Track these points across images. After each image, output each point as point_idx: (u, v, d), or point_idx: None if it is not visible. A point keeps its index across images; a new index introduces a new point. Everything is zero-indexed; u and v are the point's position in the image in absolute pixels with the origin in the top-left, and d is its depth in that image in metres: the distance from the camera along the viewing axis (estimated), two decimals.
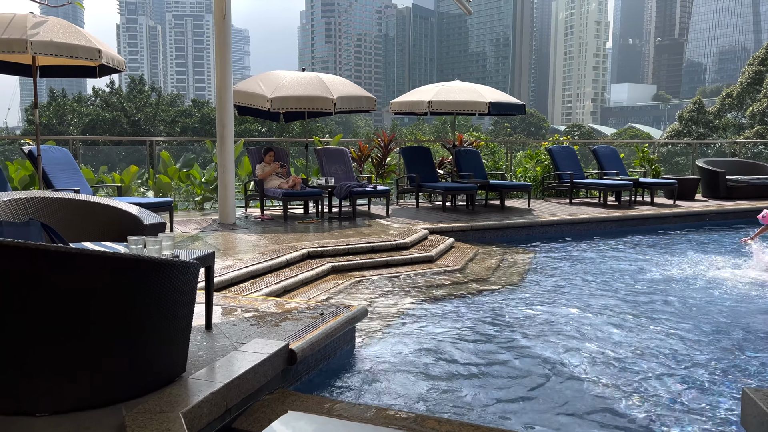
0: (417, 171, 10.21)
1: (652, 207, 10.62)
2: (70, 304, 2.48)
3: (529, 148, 12.91)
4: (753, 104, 47.40)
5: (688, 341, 4.47)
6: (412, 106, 10.00)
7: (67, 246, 2.70)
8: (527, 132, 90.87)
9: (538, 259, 7.40)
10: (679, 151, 27.59)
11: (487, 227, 8.55)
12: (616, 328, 4.76)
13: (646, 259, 7.52)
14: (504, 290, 5.89)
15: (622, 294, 5.86)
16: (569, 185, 11.10)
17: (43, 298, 2.44)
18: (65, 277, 2.44)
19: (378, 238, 7.13)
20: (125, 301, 2.58)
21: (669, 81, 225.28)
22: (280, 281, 5.44)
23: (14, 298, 2.42)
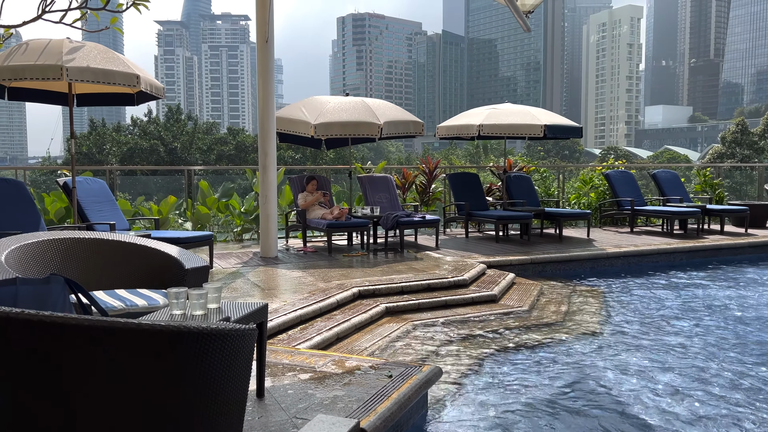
0: (465, 198, 9.60)
1: (723, 236, 9.77)
2: (87, 391, 1.93)
3: (582, 173, 12.19)
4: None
5: None
6: (460, 131, 9.44)
7: (88, 317, 2.15)
8: (561, 155, 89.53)
9: (611, 298, 6.67)
10: (722, 173, 26.43)
11: (548, 260, 7.85)
12: (735, 391, 4.03)
13: (736, 295, 6.74)
14: (585, 339, 5.19)
15: (725, 342, 5.11)
16: (630, 213, 10.33)
17: (51, 382, 1.90)
18: (89, 354, 1.90)
19: (432, 274, 6.52)
20: (160, 387, 2.03)
21: (705, 102, 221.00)
22: (331, 327, 4.87)
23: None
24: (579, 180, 11.86)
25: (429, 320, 5.44)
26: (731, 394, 3.94)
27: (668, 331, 5.42)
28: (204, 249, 7.93)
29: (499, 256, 7.80)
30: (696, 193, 12.01)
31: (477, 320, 5.52)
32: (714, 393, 3.95)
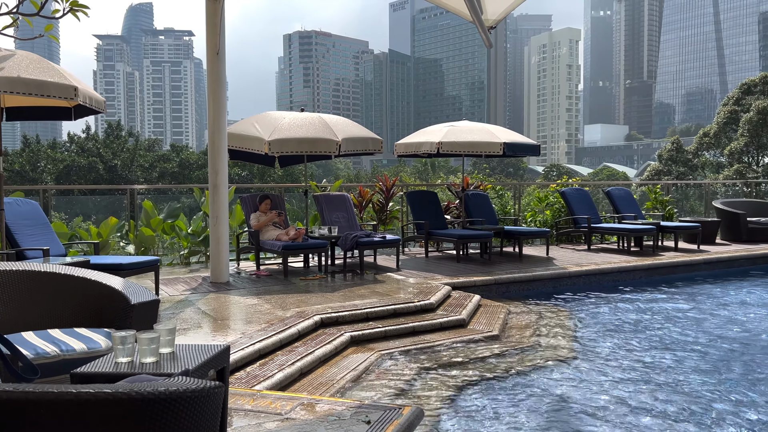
0: (425, 217, 9.36)
1: (678, 253, 9.87)
2: None
3: (538, 191, 12.18)
4: (730, 143, 47.98)
5: None
6: (419, 148, 9.22)
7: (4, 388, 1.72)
8: (506, 173, 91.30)
9: (579, 320, 6.51)
10: (670, 190, 27.31)
11: (512, 280, 7.66)
12: (724, 413, 3.86)
13: (700, 312, 6.69)
14: (560, 365, 4.96)
15: (698, 360, 4.98)
16: (587, 230, 10.32)
17: None
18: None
19: (397, 298, 6.19)
20: None
21: (640, 121, 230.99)
22: (294, 361, 4.46)
23: None
24: (534, 197, 11.83)
25: (398, 349, 5.10)
26: (704, 417, 3.76)
27: (643, 354, 5.26)
28: (149, 275, 7.37)
29: (463, 276, 7.56)
30: (647, 210, 12.17)
31: (448, 348, 5.21)
32: (690, 413, 3.77)
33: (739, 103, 49.65)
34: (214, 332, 4.97)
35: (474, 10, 6.20)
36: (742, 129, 46.80)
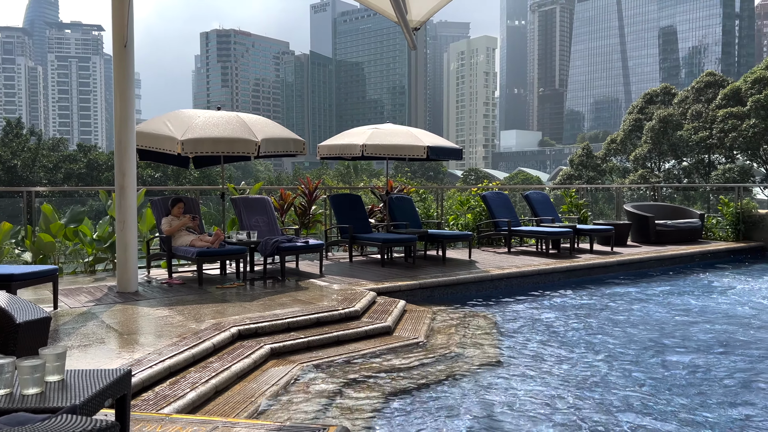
0: (349, 221, 9.15)
1: (594, 255, 10.18)
2: None
3: (459, 195, 12.26)
4: (635, 149, 50.89)
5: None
6: (343, 150, 9.00)
7: None
8: (426, 176, 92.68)
9: (502, 323, 6.50)
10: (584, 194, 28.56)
11: (436, 284, 7.59)
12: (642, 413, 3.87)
13: (616, 311, 6.86)
14: (486, 370, 4.88)
15: (620, 358, 5.05)
16: (507, 233, 10.46)
17: None
18: None
19: (321, 306, 5.94)
20: None
21: (552, 128, 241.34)
22: (208, 378, 4.13)
23: None
24: (456, 201, 11.90)
25: (321, 361, 4.86)
26: (636, 418, 3.78)
27: (567, 355, 5.29)
28: (48, 285, 6.74)
29: (388, 281, 7.40)
30: (563, 214, 12.53)
31: (374, 357, 5.02)
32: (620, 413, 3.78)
33: (643, 112, 52.82)
34: (119, 349, 4.53)
35: (399, 10, 6.06)
36: (645, 136, 49.77)
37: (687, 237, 12.15)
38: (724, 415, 3.97)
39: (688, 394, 4.35)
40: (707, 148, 46.52)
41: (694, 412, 4.02)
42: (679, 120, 48.36)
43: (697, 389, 4.47)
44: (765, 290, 8.62)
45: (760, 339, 5.93)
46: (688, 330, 6.30)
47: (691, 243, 12.01)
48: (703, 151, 47.07)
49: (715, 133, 45.21)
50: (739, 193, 13.05)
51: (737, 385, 4.60)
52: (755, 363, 5.15)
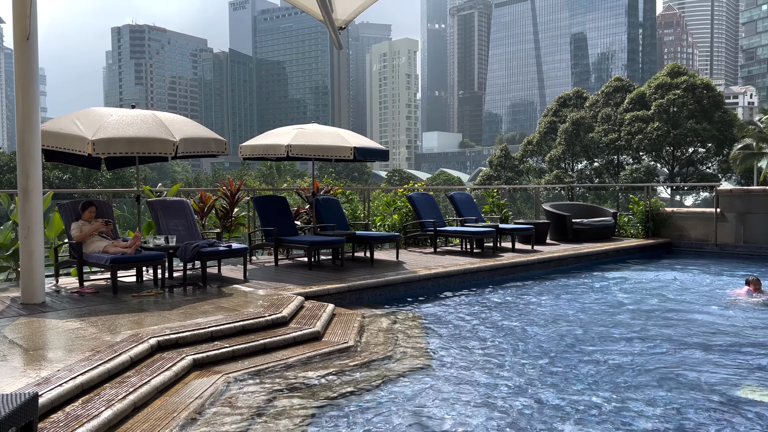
0: (274, 223, 8.92)
1: (516, 254, 10.44)
2: None
3: (386, 196, 12.26)
4: (550, 151, 53.06)
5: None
6: (267, 151, 8.76)
7: None
8: (351, 177, 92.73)
9: (431, 323, 6.52)
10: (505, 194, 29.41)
11: (365, 287, 7.52)
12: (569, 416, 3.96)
13: (542, 308, 7.04)
14: (417, 372, 4.85)
15: (547, 353, 5.15)
16: (433, 233, 10.55)
17: None
18: None
19: (246, 313, 5.73)
20: None
21: (472, 130, 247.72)
22: (125, 394, 3.85)
23: None
24: (383, 202, 11.89)
25: (247, 371, 4.66)
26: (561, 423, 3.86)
27: (492, 352, 5.35)
28: None
29: (316, 285, 7.26)
30: (486, 214, 12.80)
31: (303, 364, 4.88)
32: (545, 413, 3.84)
33: (557, 115, 55.16)
34: (24, 367, 4.16)
35: (325, 9, 5.93)
36: (559, 138, 52.00)
37: (602, 235, 12.71)
38: (654, 403, 4.12)
39: (610, 384, 4.50)
40: (616, 149, 49.17)
41: (617, 401, 4.15)
42: (590, 123, 50.83)
43: (618, 377, 4.63)
44: (672, 283, 9.13)
45: (668, 324, 6.25)
46: (606, 323, 6.55)
47: (605, 240, 12.58)
48: (612, 152, 49.72)
49: (623, 136, 47.85)
50: (647, 192, 13.80)
51: (662, 372, 4.80)
52: (671, 349, 5.40)
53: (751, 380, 4.73)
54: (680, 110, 45.71)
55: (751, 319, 6.79)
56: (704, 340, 5.89)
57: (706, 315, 7.04)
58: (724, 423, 3.86)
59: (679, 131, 45.45)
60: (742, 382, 4.67)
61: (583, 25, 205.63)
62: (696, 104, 45.56)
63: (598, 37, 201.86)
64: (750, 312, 7.15)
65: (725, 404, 4.19)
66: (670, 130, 45.58)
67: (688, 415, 3.99)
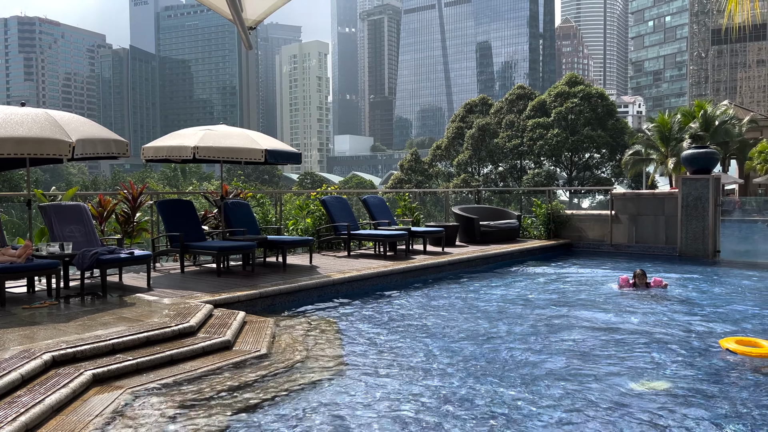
0: (179, 228, 8.56)
1: (427, 256, 10.62)
2: None
3: (299, 199, 12.10)
4: (458, 155, 54.61)
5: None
6: (171, 152, 8.39)
7: None
8: (261, 180, 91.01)
9: (346, 327, 6.48)
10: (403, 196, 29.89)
11: (277, 293, 7.37)
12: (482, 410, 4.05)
13: (453, 307, 7.19)
14: (331, 380, 4.80)
15: (462, 355, 5.26)
16: (346, 237, 10.54)
17: None
18: None
19: (151, 324, 5.45)
20: None
21: (383, 134, 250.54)
22: (16, 416, 3.55)
23: None
24: (295, 205, 11.74)
25: (153, 384, 4.43)
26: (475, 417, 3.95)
27: (407, 354, 5.40)
28: None
29: (225, 292, 7.03)
30: (398, 217, 12.94)
31: (214, 375, 4.69)
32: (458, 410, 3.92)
33: (464, 121, 56.86)
34: None
35: (235, 8, 5.76)
36: (466, 143, 53.65)
37: (507, 236, 13.20)
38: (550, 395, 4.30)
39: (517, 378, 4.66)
40: (519, 154, 51.36)
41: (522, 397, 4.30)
42: (495, 128, 52.80)
43: (530, 370, 4.81)
44: (571, 280, 9.63)
45: (568, 322, 6.57)
46: (512, 321, 6.78)
47: (510, 241, 13.07)
48: (516, 157, 51.88)
49: (525, 141, 50.08)
50: (549, 195, 14.49)
51: (563, 365, 5.02)
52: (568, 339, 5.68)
53: (636, 369, 5.05)
54: (577, 118, 48.46)
55: (634, 311, 7.28)
56: (595, 333, 6.24)
57: (597, 310, 7.46)
58: (615, 410, 4.09)
59: (576, 138, 48.15)
60: (628, 371, 4.98)
61: (488, 35, 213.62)
62: (591, 112, 48.47)
63: (501, 47, 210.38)
64: (634, 303, 7.65)
65: (616, 392, 4.44)
66: (568, 137, 48.20)
67: (589, 406, 4.20)
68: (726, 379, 4.90)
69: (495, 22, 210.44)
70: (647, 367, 5.15)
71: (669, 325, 6.65)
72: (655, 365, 5.22)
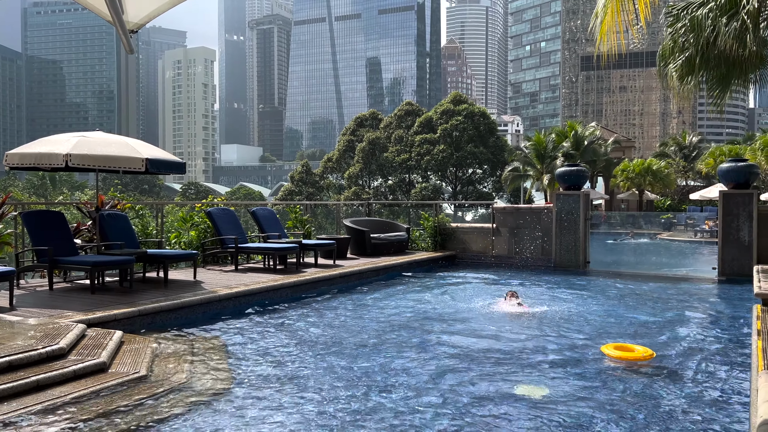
0: (48, 242, 7.86)
1: (319, 269, 10.55)
2: None
3: (182, 210, 11.58)
4: (349, 168, 54.99)
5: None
6: (40, 160, 7.73)
7: None
8: (140, 190, 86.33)
9: (233, 345, 6.26)
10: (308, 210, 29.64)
11: (158, 310, 6.97)
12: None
13: (338, 324, 7.17)
14: (217, 399, 4.61)
15: (351, 368, 5.24)
16: (234, 251, 10.22)
17: None
18: None
19: (12, 346, 4.95)
20: None
21: (273, 144, 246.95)
22: None
23: None
24: (179, 217, 11.22)
25: (16, 413, 4.01)
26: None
27: (294, 373, 5.30)
28: None
29: (100, 311, 6.55)
30: (289, 229, 12.76)
31: (87, 400, 4.34)
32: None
33: (355, 134, 57.40)
34: None
35: (115, 9, 5.45)
36: (357, 156, 54.12)
37: (397, 248, 13.44)
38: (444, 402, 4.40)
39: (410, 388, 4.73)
40: (408, 168, 52.62)
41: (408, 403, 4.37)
42: (384, 143, 53.76)
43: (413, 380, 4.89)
44: (455, 291, 9.98)
45: (449, 331, 6.79)
46: (400, 332, 6.89)
47: (400, 253, 13.31)
48: (404, 171, 53.08)
49: (413, 156, 51.40)
50: (435, 209, 14.95)
51: (445, 375, 5.16)
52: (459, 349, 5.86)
53: (518, 376, 5.31)
54: (461, 135, 50.50)
55: (509, 325, 7.67)
56: (477, 343, 6.50)
57: (479, 321, 7.78)
58: (496, 417, 4.27)
59: (460, 153, 50.15)
60: (509, 378, 5.22)
61: (378, 50, 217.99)
62: (474, 130, 50.72)
63: (390, 63, 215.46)
64: (509, 320, 8.06)
65: (497, 398, 4.64)
66: (453, 153, 50.08)
67: (469, 413, 4.35)
68: (603, 382, 5.26)
69: (384, 38, 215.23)
70: (528, 375, 5.42)
71: (548, 334, 7.05)
72: (537, 373, 5.50)
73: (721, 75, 9.57)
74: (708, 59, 9.26)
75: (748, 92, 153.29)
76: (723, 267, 11.47)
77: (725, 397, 4.84)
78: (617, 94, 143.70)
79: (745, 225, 11.25)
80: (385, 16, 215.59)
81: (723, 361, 5.93)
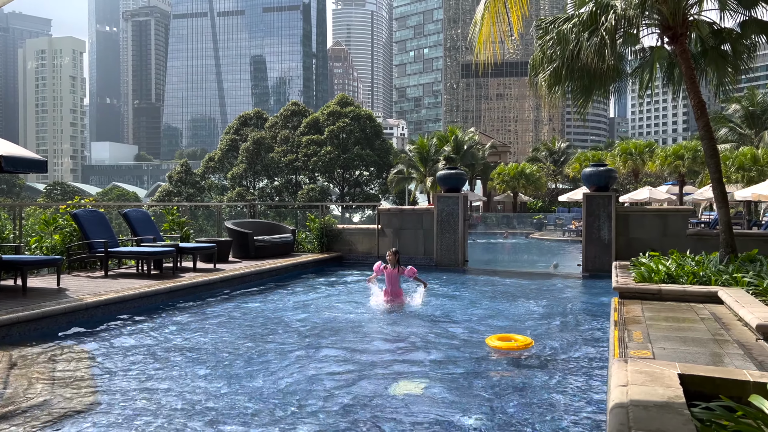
0: None
1: (197, 273, 10.12)
2: None
3: (44, 213, 10.63)
4: (233, 168, 53.43)
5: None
6: None
7: None
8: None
9: (100, 357, 5.83)
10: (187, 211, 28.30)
11: (14, 321, 6.34)
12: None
13: (221, 328, 6.91)
14: (82, 416, 4.26)
15: (227, 373, 5.06)
16: (104, 255, 9.54)
17: None
18: None
19: None
20: None
21: (149, 142, 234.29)
22: None
23: None
24: (40, 220, 10.30)
25: None
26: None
27: (170, 382, 5.04)
28: None
29: None
30: (165, 232, 12.14)
31: None
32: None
33: (238, 133, 55.90)
34: None
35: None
36: (241, 156, 52.74)
37: (282, 251, 13.22)
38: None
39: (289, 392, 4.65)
40: (294, 169, 52.08)
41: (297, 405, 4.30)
42: (270, 143, 52.83)
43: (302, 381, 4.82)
44: (339, 292, 10.00)
45: (333, 332, 6.80)
46: (282, 336, 6.78)
47: (285, 256, 13.11)
48: (291, 172, 52.48)
49: (300, 157, 50.97)
50: (322, 210, 14.89)
51: (329, 377, 5.13)
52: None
53: (400, 374, 5.41)
54: (348, 137, 50.81)
55: (399, 318, 7.83)
56: (360, 343, 6.55)
57: (363, 321, 7.86)
58: (375, 414, 4.32)
59: (347, 155, 50.44)
60: (391, 376, 5.31)
61: (262, 49, 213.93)
62: (361, 132, 51.22)
63: (276, 62, 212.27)
64: (398, 310, 8.23)
65: (376, 397, 4.70)
66: (340, 154, 50.26)
67: (348, 412, 4.36)
68: (485, 372, 5.47)
69: (269, 37, 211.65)
70: (411, 371, 5.53)
71: (432, 330, 7.24)
72: (421, 368, 5.62)
73: (584, 86, 10.34)
74: (573, 71, 9.97)
75: (608, 102, 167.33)
76: (586, 264, 12.40)
77: (588, 382, 5.21)
78: (494, 101, 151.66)
79: (605, 225, 12.24)
80: (271, 15, 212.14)
81: (587, 350, 6.40)
